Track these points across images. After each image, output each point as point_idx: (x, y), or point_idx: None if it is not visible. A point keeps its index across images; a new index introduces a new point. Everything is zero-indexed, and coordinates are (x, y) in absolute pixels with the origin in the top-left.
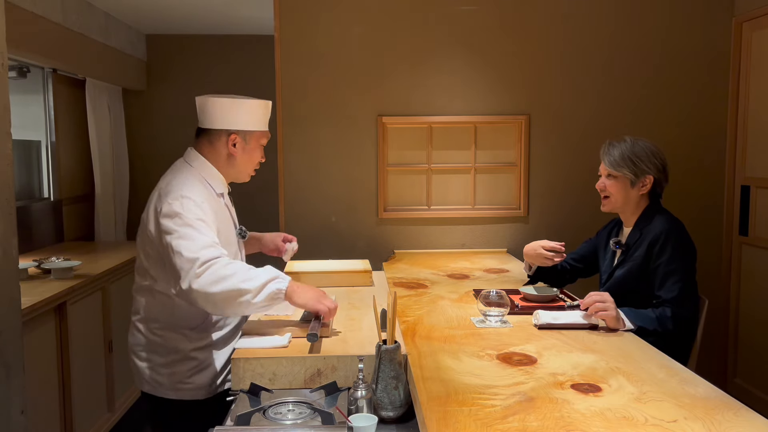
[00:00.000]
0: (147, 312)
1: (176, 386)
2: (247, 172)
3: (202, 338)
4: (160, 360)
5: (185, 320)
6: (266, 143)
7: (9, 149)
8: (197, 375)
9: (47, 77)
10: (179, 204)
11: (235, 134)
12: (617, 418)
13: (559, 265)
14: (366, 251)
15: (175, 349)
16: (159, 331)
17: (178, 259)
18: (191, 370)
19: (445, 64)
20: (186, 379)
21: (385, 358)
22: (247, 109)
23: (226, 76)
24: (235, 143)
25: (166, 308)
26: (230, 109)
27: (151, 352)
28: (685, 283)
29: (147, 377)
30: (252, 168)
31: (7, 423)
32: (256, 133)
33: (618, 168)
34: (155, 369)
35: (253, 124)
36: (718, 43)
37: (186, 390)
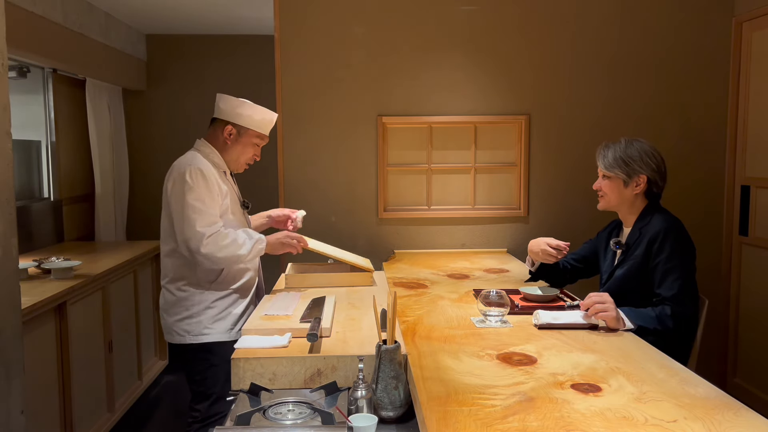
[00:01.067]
0: (174, 273)
1: (202, 332)
2: (239, 163)
3: (221, 290)
4: (187, 313)
5: (205, 275)
6: (262, 146)
7: (9, 149)
8: (218, 322)
9: (47, 77)
10: (190, 175)
11: (232, 126)
12: (617, 418)
13: (561, 264)
14: (366, 251)
15: (199, 301)
16: (185, 287)
17: (190, 229)
18: (213, 318)
19: (445, 63)
20: (209, 325)
21: (385, 358)
22: (248, 110)
23: (226, 76)
24: (231, 133)
25: (189, 266)
26: (235, 106)
27: (179, 307)
28: (685, 280)
29: (177, 329)
30: (244, 160)
31: (7, 423)
32: (251, 131)
33: (611, 169)
34: (184, 321)
35: (250, 123)
36: (718, 43)
37: (209, 335)
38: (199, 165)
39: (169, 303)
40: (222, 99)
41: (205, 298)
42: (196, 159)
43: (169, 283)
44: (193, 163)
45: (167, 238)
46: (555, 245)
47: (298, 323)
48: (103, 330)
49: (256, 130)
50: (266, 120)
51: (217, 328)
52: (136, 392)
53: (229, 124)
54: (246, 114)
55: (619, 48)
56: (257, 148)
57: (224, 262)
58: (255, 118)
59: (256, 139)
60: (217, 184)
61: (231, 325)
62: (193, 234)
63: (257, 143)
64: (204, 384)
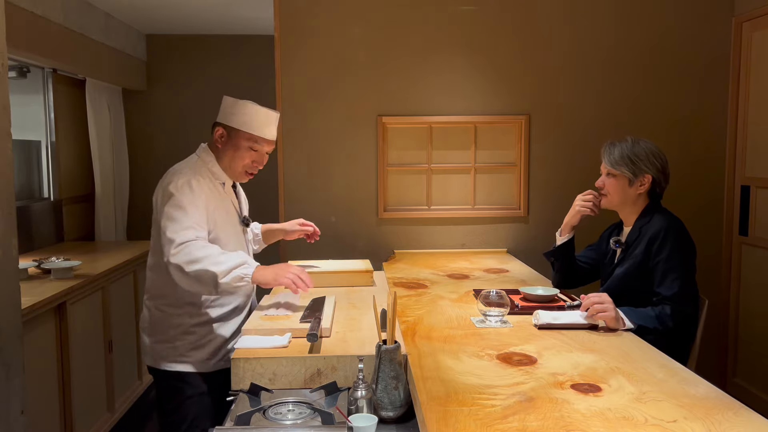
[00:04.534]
0: (155, 289)
1: (177, 359)
2: (235, 170)
3: (203, 314)
4: (163, 335)
5: (187, 295)
6: (263, 151)
7: (9, 149)
8: (196, 350)
9: (47, 77)
10: (175, 185)
11: (221, 127)
12: (617, 418)
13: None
14: (366, 251)
15: (177, 324)
16: (164, 306)
17: (163, 237)
18: (191, 344)
19: (445, 63)
20: (186, 353)
21: (385, 358)
22: (239, 109)
23: (226, 76)
24: (222, 136)
25: (172, 285)
26: (227, 105)
27: (155, 328)
28: (685, 279)
29: (151, 351)
30: (240, 167)
31: (7, 423)
32: (241, 132)
33: (617, 167)
34: (160, 343)
35: (240, 124)
36: (718, 43)
37: (185, 363)
38: (188, 176)
39: (147, 321)
40: (222, 100)
41: (183, 322)
42: (188, 168)
43: (149, 300)
44: (184, 172)
45: (152, 250)
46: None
47: (298, 323)
48: (103, 330)
49: (246, 131)
50: (260, 119)
51: (194, 356)
52: (136, 392)
53: (220, 126)
54: (236, 113)
55: (618, 48)
56: (255, 154)
57: (191, 281)
58: (244, 117)
59: (248, 142)
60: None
61: (210, 354)
62: (165, 241)
63: (252, 147)
64: (174, 415)
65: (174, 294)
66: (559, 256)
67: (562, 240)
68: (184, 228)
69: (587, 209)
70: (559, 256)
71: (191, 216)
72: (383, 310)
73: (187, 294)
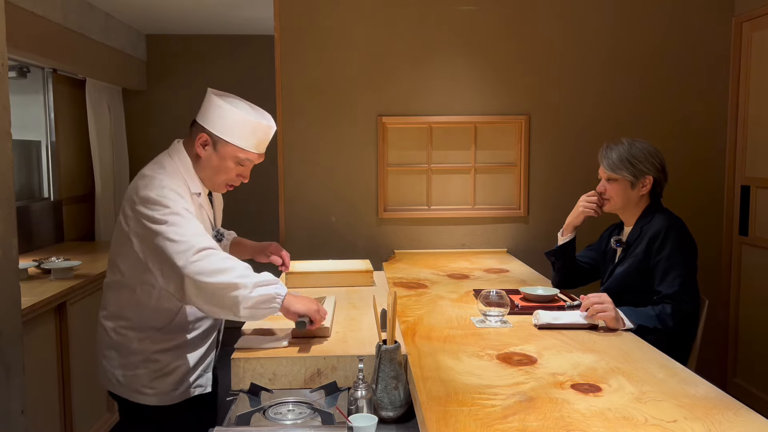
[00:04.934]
0: (114, 309)
1: (140, 389)
2: (215, 182)
3: (168, 340)
4: (120, 361)
5: (152, 319)
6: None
7: (9, 149)
8: (158, 380)
9: (47, 77)
10: (158, 194)
11: (206, 135)
12: (617, 418)
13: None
14: (366, 251)
15: (137, 350)
16: (123, 330)
17: (171, 246)
18: (153, 373)
19: (445, 64)
20: (148, 383)
21: (385, 358)
22: (233, 117)
23: (226, 76)
24: (206, 144)
25: (132, 305)
26: (217, 108)
27: (114, 352)
28: (686, 278)
29: (110, 375)
30: (222, 180)
31: (7, 423)
32: (231, 145)
33: (617, 171)
34: (118, 369)
35: (231, 135)
36: (718, 43)
37: (148, 395)
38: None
39: (104, 344)
40: (208, 96)
41: (145, 348)
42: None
43: (106, 319)
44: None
45: (111, 267)
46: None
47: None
48: None
49: (237, 144)
50: (256, 133)
51: (157, 387)
52: None
53: (204, 132)
54: (225, 120)
55: (619, 48)
56: (242, 168)
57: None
58: (241, 129)
59: (239, 155)
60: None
61: (174, 385)
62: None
63: (241, 162)
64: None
65: (136, 316)
66: (560, 256)
67: (564, 240)
68: (197, 234)
69: (591, 210)
70: (560, 256)
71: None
72: (383, 310)
73: (152, 317)
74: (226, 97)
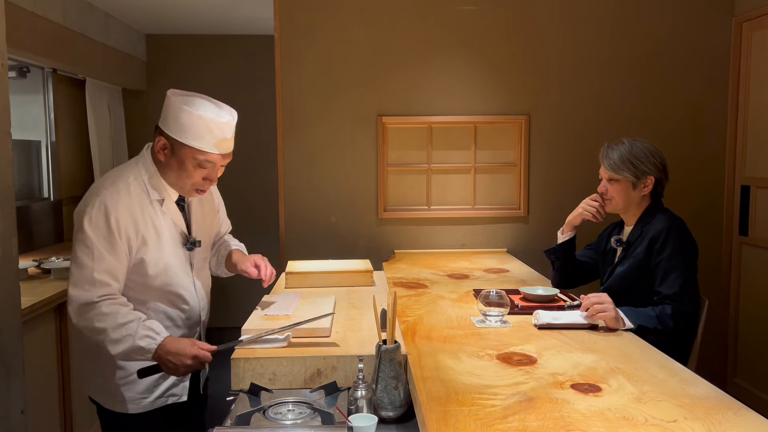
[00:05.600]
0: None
1: (114, 396)
2: (182, 187)
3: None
4: (93, 366)
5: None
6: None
7: (9, 149)
8: (126, 387)
9: (47, 77)
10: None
11: (164, 138)
12: (617, 418)
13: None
14: (366, 251)
15: (106, 355)
16: None
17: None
18: (121, 380)
19: (445, 64)
20: (116, 389)
21: (385, 358)
22: (187, 117)
23: (226, 76)
24: (165, 148)
25: None
26: (173, 109)
27: (87, 354)
28: (686, 278)
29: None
30: (189, 185)
31: (7, 423)
32: (187, 147)
33: (619, 171)
34: (92, 372)
35: (186, 137)
36: (718, 43)
37: (121, 403)
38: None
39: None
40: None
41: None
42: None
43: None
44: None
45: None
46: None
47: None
48: None
49: (193, 146)
50: (211, 131)
51: (126, 394)
52: None
53: (162, 135)
54: (179, 121)
55: (618, 48)
56: (204, 171)
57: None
58: (190, 129)
59: (196, 159)
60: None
61: (143, 392)
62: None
63: (202, 164)
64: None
65: None
66: (560, 255)
67: (564, 238)
68: (88, 281)
69: (589, 214)
70: (560, 255)
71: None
72: (383, 310)
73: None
74: (185, 96)
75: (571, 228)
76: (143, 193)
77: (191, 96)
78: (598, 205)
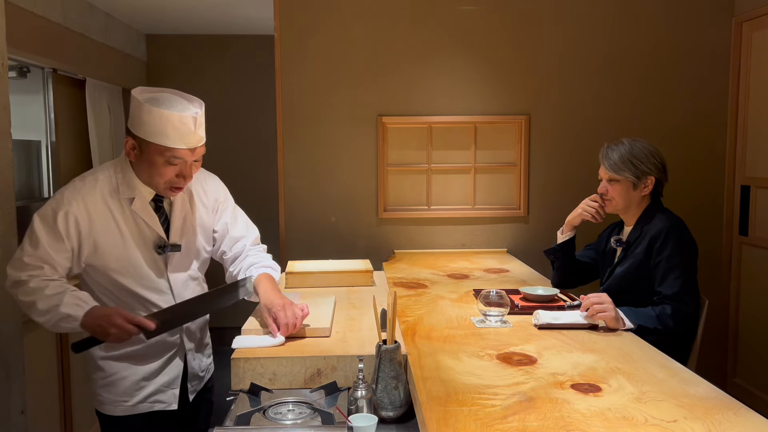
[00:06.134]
0: None
1: (95, 395)
2: (156, 185)
3: (112, 347)
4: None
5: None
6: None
7: (9, 149)
8: (105, 388)
9: (47, 77)
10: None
11: (132, 138)
12: (617, 418)
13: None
14: (366, 251)
15: (90, 355)
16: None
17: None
18: (100, 380)
19: (445, 64)
20: (98, 390)
21: (385, 358)
22: (149, 114)
23: (226, 76)
24: (134, 148)
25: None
26: (136, 108)
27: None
28: (686, 278)
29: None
30: (162, 183)
31: (7, 423)
32: (152, 144)
33: (619, 172)
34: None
35: (150, 134)
36: (718, 43)
37: (100, 403)
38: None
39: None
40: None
41: (94, 354)
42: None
43: None
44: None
45: None
46: (593, 198)
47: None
48: None
49: (157, 143)
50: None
51: (105, 395)
52: None
53: (129, 134)
54: (143, 119)
55: (618, 48)
56: (175, 168)
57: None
58: (153, 126)
59: (164, 156)
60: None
61: (119, 395)
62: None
63: (170, 161)
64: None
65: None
66: (560, 255)
67: (563, 238)
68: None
69: (589, 215)
70: (560, 255)
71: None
72: (383, 310)
73: None
74: (148, 93)
75: (571, 228)
76: (112, 191)
77: (155, 93)
78: (597, 206)
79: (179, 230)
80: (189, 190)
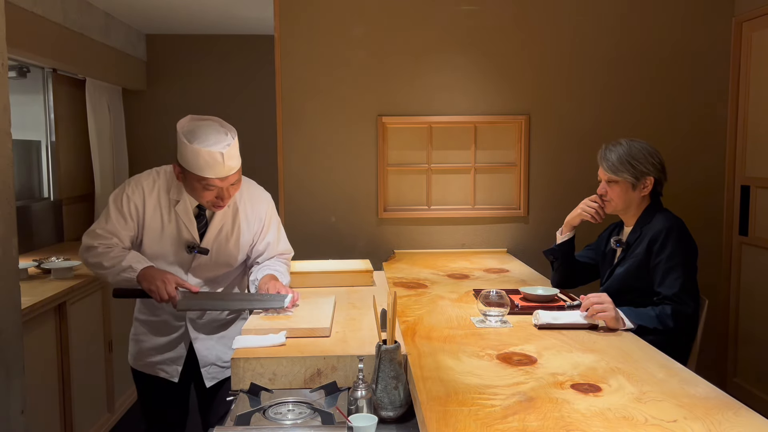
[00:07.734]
0: None
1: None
2: (197, 200)
3: (141, 312)
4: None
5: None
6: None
7: (9, 149)
8: (131, 343)
9: (47, 77)
10: (115, 194)
11: (177, 165)
12: (617, 418)
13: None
14: (366, 251)
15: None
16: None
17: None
18: (132, 336)
19: (445, 63)
20: (129, 342)
21: (385, 358)
22: (187, 149)
23: (226, 76)
24: (179, 174)
25: None
26: (179, 142)
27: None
28: (686, 279)
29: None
30: (204, 202)
31: (7, 423)
32: (191, 173)
33: (618, 173)
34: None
35: (189, 165)
36: (718, 43)
37: (129, 354)
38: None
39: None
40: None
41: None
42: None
43: None
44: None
45: None
46: (593, 198)
47: (297, 323)
48: (103, 330)
49: (195, 173)
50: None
51: (131, 349)
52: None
53: (176, 163)
54: (184, 153)
55: (618, 48)
56: (212, 191)
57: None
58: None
59: (201, 183)
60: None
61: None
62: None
63: (206, 187)
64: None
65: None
66: (559, 255)
67: (563, 239)
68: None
69: (588, 215)
70: (559, 255)
71: (110, 220)
72: (383, 310)
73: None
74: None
75: (570, 228)
76: (165, 188)
77: (195, 122)
78: (597, 206)
79: (213, 238)
80: (236, 205)
